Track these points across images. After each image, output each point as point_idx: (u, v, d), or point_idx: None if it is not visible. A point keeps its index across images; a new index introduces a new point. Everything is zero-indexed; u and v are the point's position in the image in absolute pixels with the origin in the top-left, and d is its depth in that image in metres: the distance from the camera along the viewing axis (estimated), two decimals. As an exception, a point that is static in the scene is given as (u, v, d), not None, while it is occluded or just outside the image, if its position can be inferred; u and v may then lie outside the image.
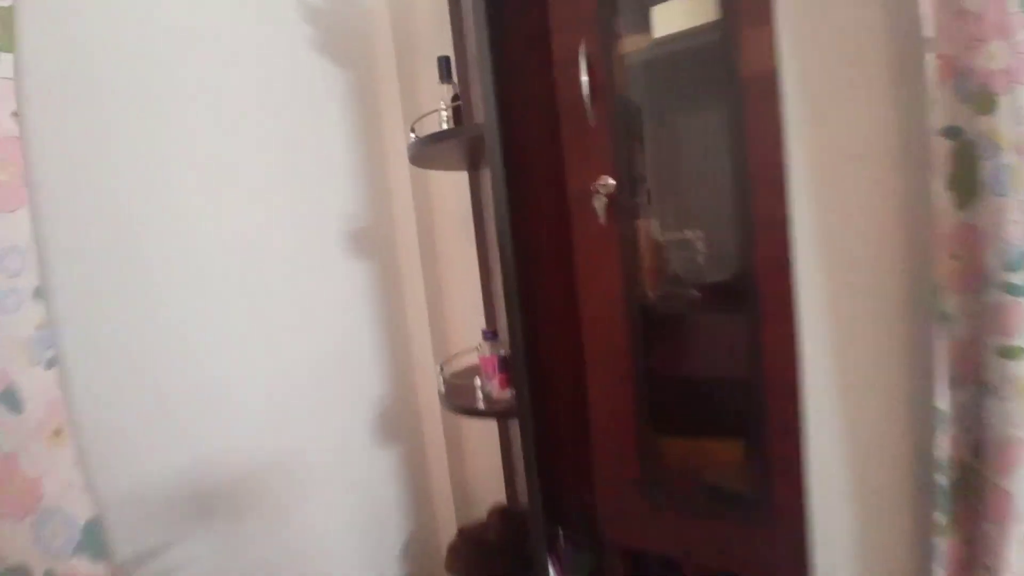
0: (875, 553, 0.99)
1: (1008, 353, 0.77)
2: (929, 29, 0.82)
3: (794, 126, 0.90)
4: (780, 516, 0.80)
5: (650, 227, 0.96)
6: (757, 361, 0.78)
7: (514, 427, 1.24)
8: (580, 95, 0.81)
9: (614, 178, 0.86)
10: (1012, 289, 0.77)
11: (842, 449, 0.99)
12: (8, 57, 0.76)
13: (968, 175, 0.82)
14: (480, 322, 1.34)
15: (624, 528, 0.93)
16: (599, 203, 0.88)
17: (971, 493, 0.89)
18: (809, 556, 0.79)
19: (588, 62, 0.81)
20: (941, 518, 0.88)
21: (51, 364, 0.79)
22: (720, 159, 0.89)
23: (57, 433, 0.80)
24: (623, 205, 0.86)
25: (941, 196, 0.85)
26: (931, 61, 0.82)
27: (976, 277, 0.84)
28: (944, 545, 0.89)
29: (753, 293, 0.76)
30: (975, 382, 0.86)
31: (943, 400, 0.86)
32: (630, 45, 0.85)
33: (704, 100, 0.91)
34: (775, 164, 0.75)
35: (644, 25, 0.82)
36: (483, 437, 1.48)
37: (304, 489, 1.19)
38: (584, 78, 0.81)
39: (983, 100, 0.77)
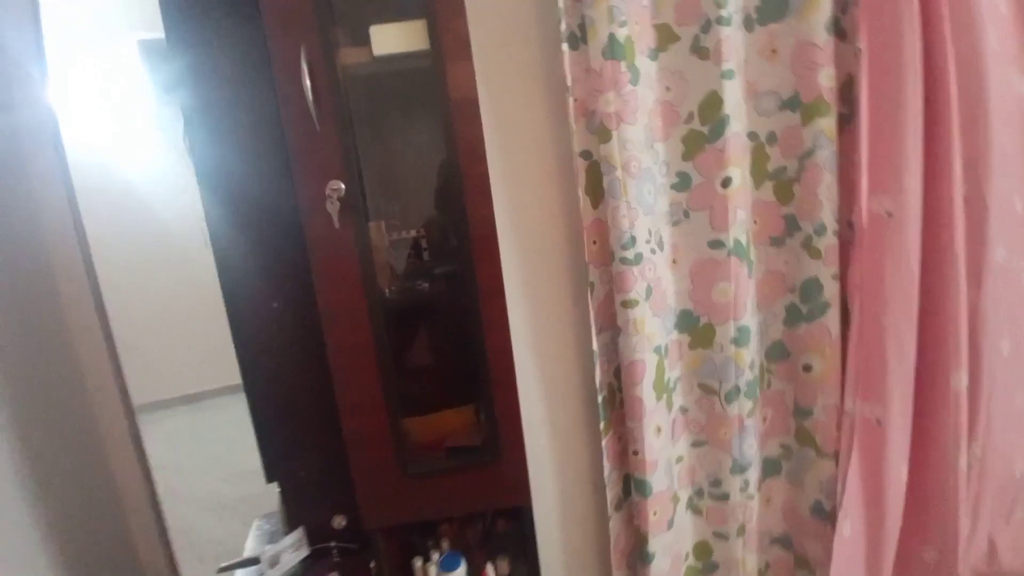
0: (568, 460, 1.35)
1: (627, 304, 1.16)
2: (568, 79, 1.14)
3: (491, 143, 1.12)
4: (507, 454, 1.02)
5: (381, 228, 1.05)
6: (480, 335, 0.96)
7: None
8: (305, 101, 0.82)
9: (344, 182, 0.90)
10: (625, 260, 1.15)
11: (539, 389, 1.31)
12: None
13: (597, 185, 1.18)
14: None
15: (386, 509, 1.01)
16: (332, 207, 0.90)
17: (616, 402, 1.30)
18: (527, 476, 1.03)
19: (310, 68, 0.82)
20: (602, 425, 1.27)
21: None
22: (435, 167, 1.04)
23: None
24: (355, 208, 0.91)
25: (582, 200, 1.20)
26: (571, 103, 1.15)
27: (606, 254, 1.22)
28: (605, 442, 1.28)
29: (472, 279, 0.93)
30: (611, 327, 1.26)
31: (596, 343, 1.23)
32: (352, 57, 0.90)
33: (421, 114, 1.04)
34: (480, 173, 0.93)
35: (365, 40, 0.89)
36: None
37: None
38: (307, 82, 0.82)
39: (602, 133, 1.12)
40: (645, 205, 1.17)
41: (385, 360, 0.93)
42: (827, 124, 1.14)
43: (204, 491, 1.53)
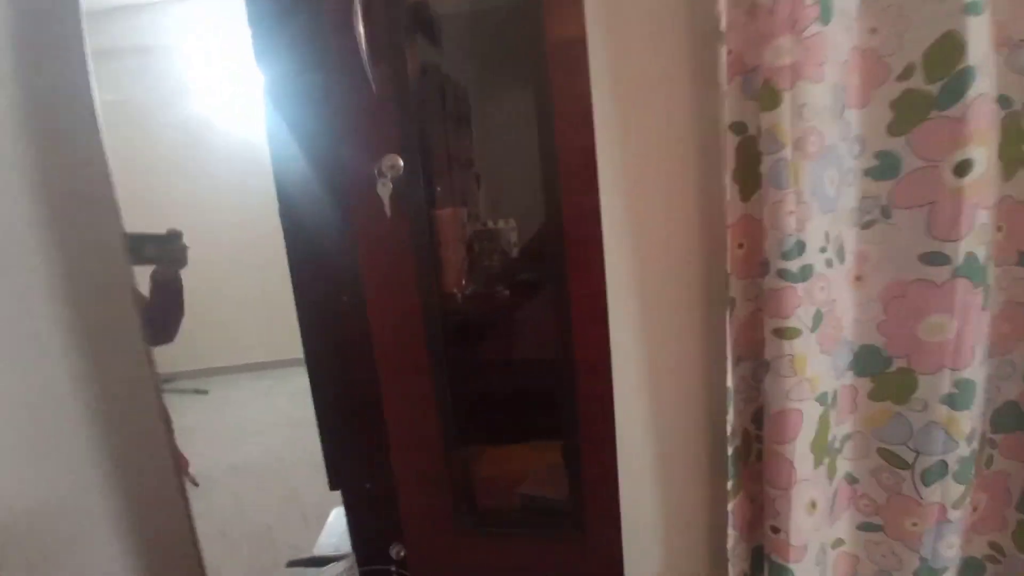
0: (678, 523, 1.07)
1: (784, 334, 0.85)
2: (723, 21, 0.83)
3: (600, 108, 0.86)
4: (595, 528, 0.78)
5: (455, 217, 0.85)
6: (569, 372, 0.72)
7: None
8: (358, 52, 0.64)
9: (403, 158, 0.70)
10: (786, 274, 0.83)
11: (646, 431, 1.04)
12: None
13: (752, 169, 0.87)
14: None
15: (436, 567, 0.83)
16: (384, 190, 0.72)
17: (752, 456, 0.99)
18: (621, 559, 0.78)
19: (365, 8, 0.63)
20: (730, 485, 0.97)
21: None
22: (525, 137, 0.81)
23: None
24: (414, 192, 0.72)
25: (729, 188, 0.89)
26: (722, 54, 0.84)
27: (755, 263, 0.91)
28: (731, 506, 0.98)
29: (562, 290, 0.69)
30: (752, 358, 0.95)
31: (731, 378, 0.93)
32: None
33: (510, 69, 0.81)
34: (583, 146, 0.68)
35: None
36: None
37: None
38: (360, 28, 0.64)
39: (769, 95, 0.80)
40: (824, 199, 0.83)
41: (442, 386, 0.74)
42: None
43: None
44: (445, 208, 0.77)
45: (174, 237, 1.09)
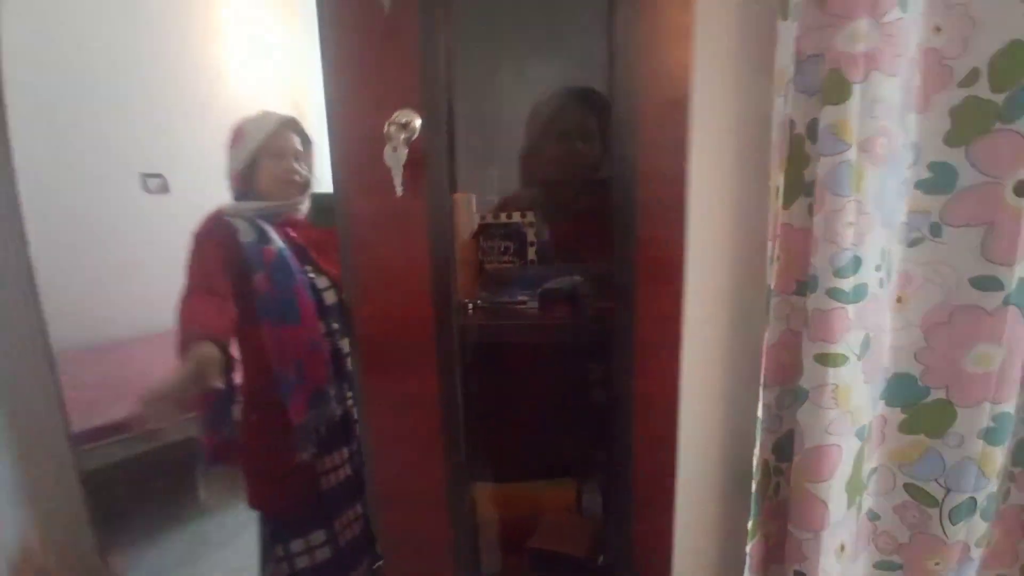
0: (692, 566, 0.95)
1: (828, 360, 0.75)
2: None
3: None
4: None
5: (471, 204, 0.67)
6: (624, 411, 0.58)
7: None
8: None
9: (421, 115, 0.51)
10: (837, 294, 0.74)
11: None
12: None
13: (800, 170, 0.77)
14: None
15: None
16: (394, 158, 0.53)
17: (770, 491, 0.90)
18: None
19: None
20: (750, 525, 0.87)
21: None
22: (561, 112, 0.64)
23: None
24: (435, 167, 0.54)
25: (775, 192, 0.79)
26: (786, 35, 0.73)
27: (793, 279, 0.81)
28: (750, 548, 0.88)
29: (628, 309, 0.55)
30: (780, 384, 0.85)
31: (761, 405, 0.83)
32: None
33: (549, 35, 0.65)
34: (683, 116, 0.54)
35: None
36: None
37: None
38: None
39: (836, 86, 0.70)
40: (886, 211, 0.74)
41: (455, 423, 0.56)
42: None
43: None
44: (463, 192, 0.59)
45: None
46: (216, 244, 0.84)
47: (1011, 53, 0.71)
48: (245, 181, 0.87)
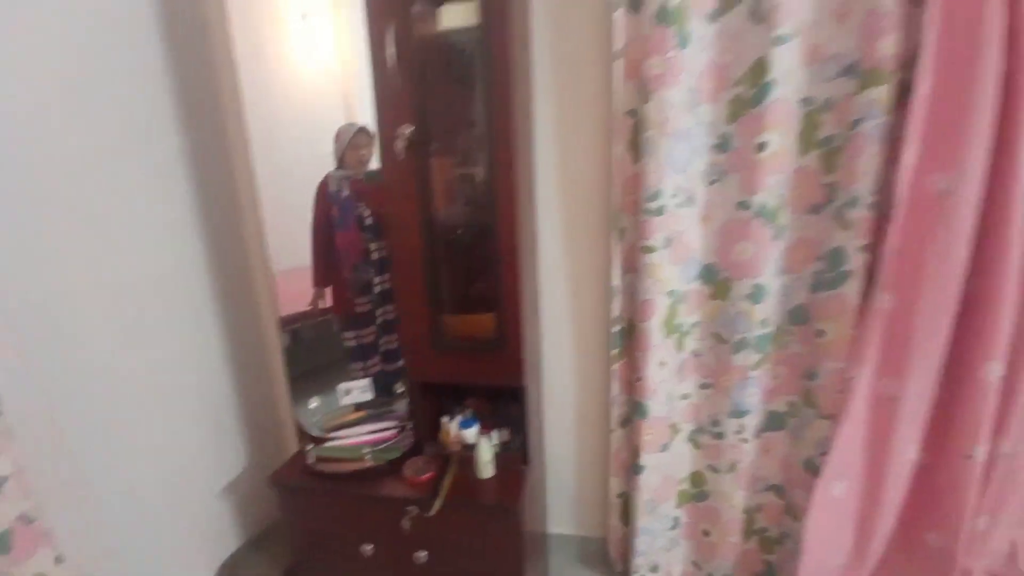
0: (587, 380, 1.59)
1: (645, 250, 1.32)
2: (620, 42, 1.27)
3: (545, 101, 1.33)
4: (509, 346, 1.29)
5: (445, 164, 1.34)
6: (497, 259, 1.23)
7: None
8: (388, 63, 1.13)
9: (415, 126, 1.19)
10: (648, 212, 1.30)
11: (568, 317, 1.56)
12: None
13: (638, 142, 1.32)
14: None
15: (422, 369, 1.39)
16: (400, 145, 1.21)
17: (632, 335, 1.49)
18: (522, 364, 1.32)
19: (395, 39, 1.11)
20: (615, 352, 1.47)
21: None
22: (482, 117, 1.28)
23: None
24: (421, 146, 1.21)
25: (623, 154, 1.35)
26: (619, 64, 1.29)
27: (636, 205, 1.37)
28: (616, 367, 1.49)
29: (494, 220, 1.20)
30: (634, 270, 1.43)
31: (616, 280, 1.42)
32: (424, 30, 1.16)
33: (474, 74, 1.27)
34: (505, 127, 1.15)
35: (433, 19, 1.16)
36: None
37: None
38: (391, 50, 1.11)
39: (644, 93, 1.25)
40: (676, 164, 1.28)
41: (429, 261, 1.26)
42: (881, 93, 1.13)
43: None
44: (440, 158, 1.26)
45: None
46: (322, 191, 1.58)
47: (758, 65, 1.21)
48: (340, 159, 1.58)
